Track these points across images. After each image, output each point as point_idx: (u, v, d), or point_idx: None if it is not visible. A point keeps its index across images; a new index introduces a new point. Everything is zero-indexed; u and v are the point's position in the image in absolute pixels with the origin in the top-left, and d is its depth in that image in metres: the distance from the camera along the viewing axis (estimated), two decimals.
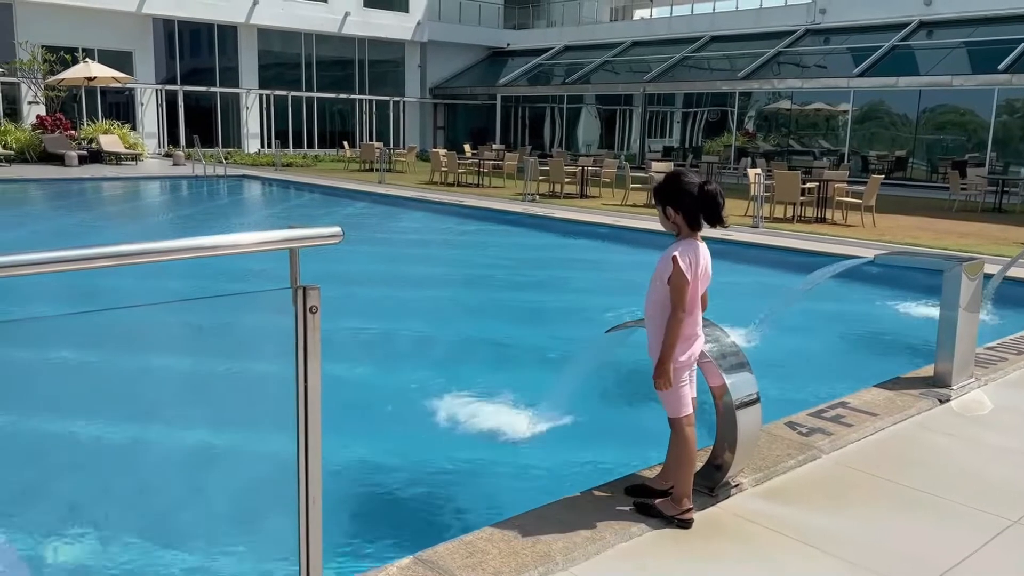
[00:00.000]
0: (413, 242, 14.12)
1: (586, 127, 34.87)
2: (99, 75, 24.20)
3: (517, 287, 10.02)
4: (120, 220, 16.28)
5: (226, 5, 30.39)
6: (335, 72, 34.95)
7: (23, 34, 26.09)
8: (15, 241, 11.85)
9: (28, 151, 23.33)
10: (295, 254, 2.46)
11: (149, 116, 30.04)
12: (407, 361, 6.60)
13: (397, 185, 20.70)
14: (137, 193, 20.42)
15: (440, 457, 4.44)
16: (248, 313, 7.53)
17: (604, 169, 20.42)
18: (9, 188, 19.42)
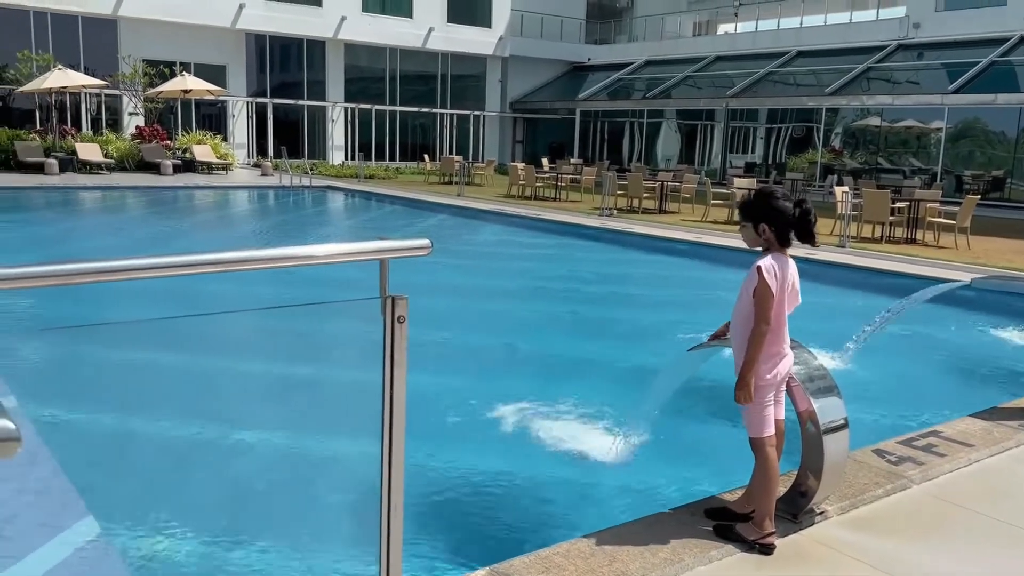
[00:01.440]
0: (490, 255, 14.22)
1: (666, 142, 34.57)
2: (194, 88, 25.22)
3: (594, 302, 9.97)
4: (212, 228, 16.90)
5: (316, 20, 31.32)
6: (418, 86, 35.59)
7: (126, 49, 27.43)
8: (117, 247, 12.43)
9: (127, 160, 24.45)
10: (385, 265, 2.51)
11: (240, 127, 31.13)
12: (486, 373, 6.64)
13: (475, 198, 20.91)
14: (227, 202, 21.17)
15: (517, 470, 4.45)
16: (330, 321, 7.70)
17: (684, 184, 20.19)
18: (110, 194, 20.40)
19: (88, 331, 6.99)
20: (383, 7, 33.26)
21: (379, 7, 33.09)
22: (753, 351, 3.10)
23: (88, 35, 27.34)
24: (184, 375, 6.18)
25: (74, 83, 23.20)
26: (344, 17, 31.82)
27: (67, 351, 6.85)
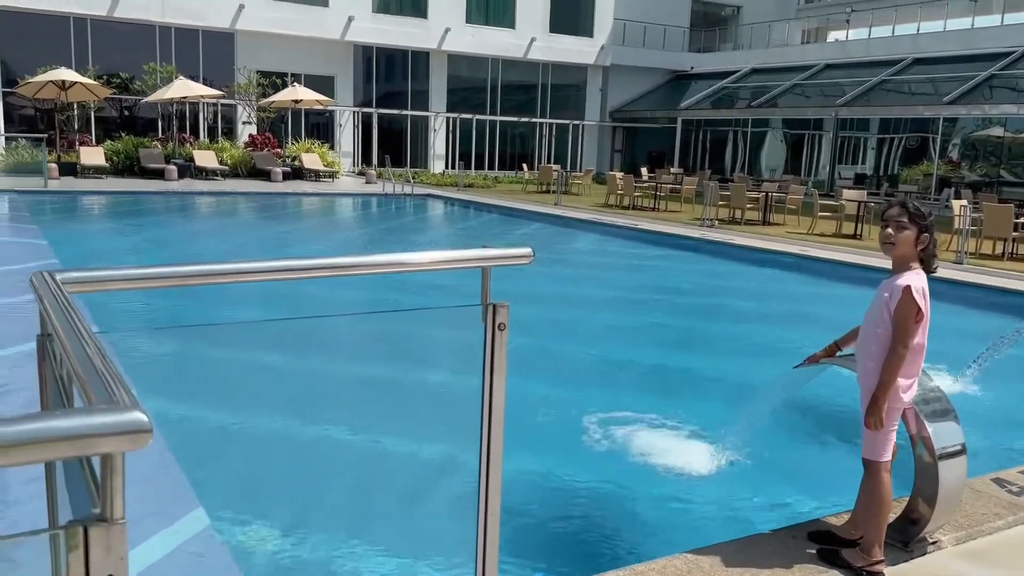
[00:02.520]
0: (587, 264, 14.17)
1: (770, 152, 33.69)
2: (304, 98, 26.16)
3: (693, 314, 9.80)
4: (320, 233, 17.47)
5: (421, 32, 32.02)
6: (518, 96, 35.87)
7: (241, 60, 28.71)
8: (231, 250, 13.00)
9: (240, 167, 25.57)
10: (487, 272, 2.53)
11: (346, 136, 32.09)
12: (582, 383, 6.62)
13: (573, 207, 20.88)
14: (333, 208, 21.85)
15: (612, 482, 4.41)
16: (430, 326, 7.82)
17: (789, 195, 19.61)
18: (224, 199, 21.38)
19: (200, 329, 7.32)
20: (486, 18, 33.70)
21: (482, 18, 33.56)
22: (889, 374, 2.95)
23: (207, 48, 28.76)
24: (289, 375, 6.39)
25: (193, 93, 24.43)
26: (448, 28, 32.41)
27: (181, 348, 7.20)
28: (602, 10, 36.14)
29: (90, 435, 0.94)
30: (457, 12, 32.68)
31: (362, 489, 4.46)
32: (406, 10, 32.15)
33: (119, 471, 1.00)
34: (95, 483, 1.09)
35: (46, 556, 2.59)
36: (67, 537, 1.01)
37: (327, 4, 29.95)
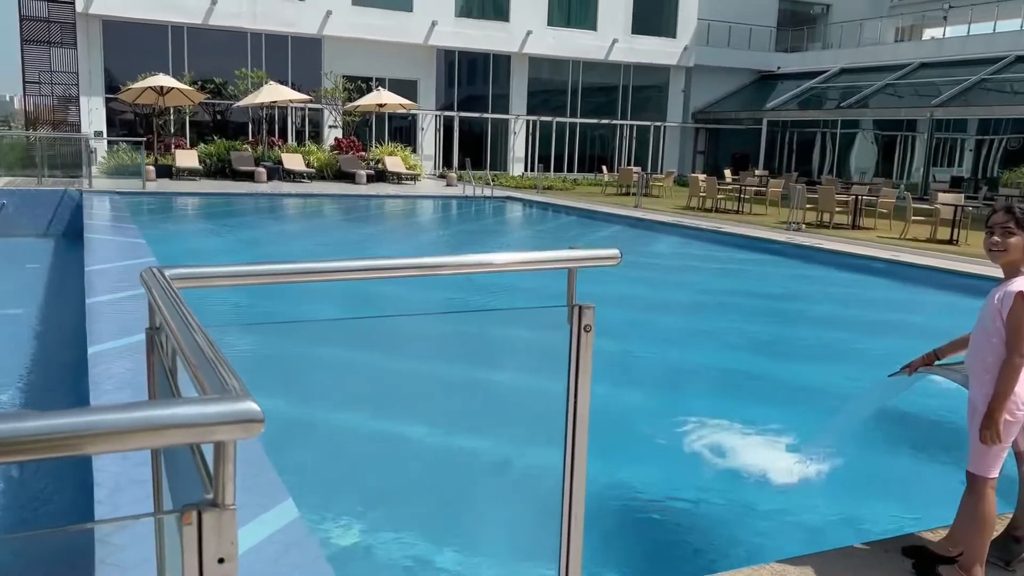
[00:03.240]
0: (667, 267, 14.00)
1: (860, 153, 32.62)
2: (388, 102, 26.66)
3: (779, 320, 9.57)
4: (403, 234, 17.78)
5: (503, 36, 32.23)
6: (598, 98, 35.72)
7: (328, 65, 29.46)
8: (317, 249, 13.35)
9: (326, 169, 26.22)
10: (573, 274, 2.53)
11: (428, 140, 32.56)
12: (666, 388, 6.55)
13: (653, 209, 20.66)
14: (414, 210, 22.20)
15: (697, 489, 4.34)
16: (512, 327, 7.87)
17: (881, 199, 18.94)
18: (310, 201, 21.96)
19: (282, 326, 7.54)
20: (568, 20, 33.69)
21: (564, 20, 33.55)
22: (1005, 385, 2.82)
23: (296, 53, 29.62)
24: (374, 373, 6.52)
25: (282, 98, 25.19)
26: (530, 31, 32.52)
27: (264, 343, 7.43)
28: (686, 11, 35.67)
29: (207, 423, 0.98)
30: (539, 15, 32.77)
31: (444, 488, 4.51)
32: (488, 14, 32.42)
33: (231, 459, 1.04)
34: (206, 470, 1.14)
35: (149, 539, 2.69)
36: (181, 521, 1.05)
37: (411, 9, 30.46)
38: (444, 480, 4.62)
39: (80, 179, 19.35)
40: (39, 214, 16.91)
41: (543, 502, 3.75)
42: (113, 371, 5.08)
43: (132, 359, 5.39)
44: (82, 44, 26.97)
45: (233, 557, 1.06)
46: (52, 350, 8.29)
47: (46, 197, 17.13)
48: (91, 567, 2.84)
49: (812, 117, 33.26)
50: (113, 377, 4.97)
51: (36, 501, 4.75)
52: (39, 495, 4.74)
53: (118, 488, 3.55)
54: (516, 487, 4.45)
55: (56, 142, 22.61)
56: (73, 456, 0.99)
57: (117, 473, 3.59)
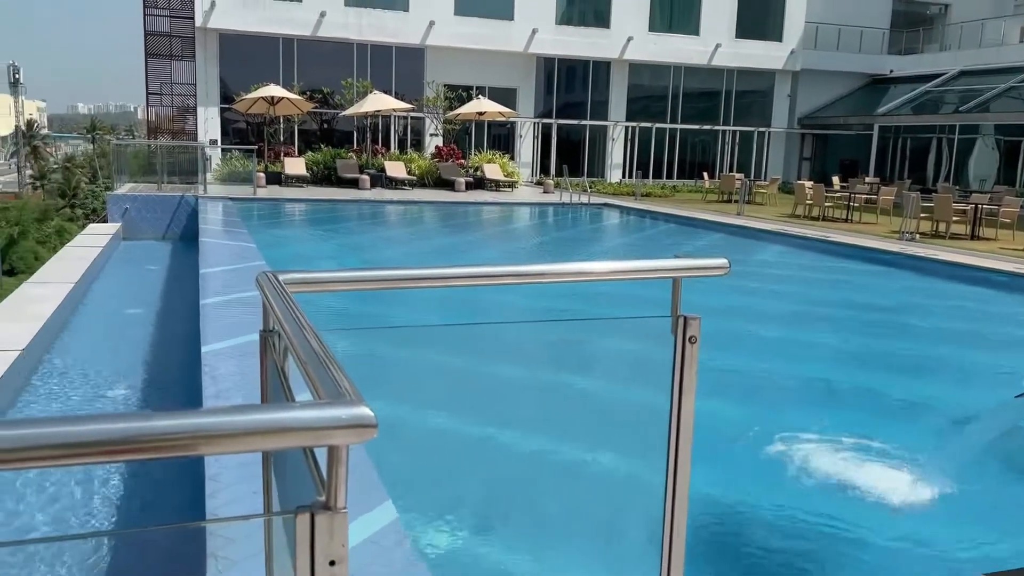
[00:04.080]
0: (771, 277, 13.59)
1: (980, 160, 30.90)
2: (488, 110, 26.95)
3: (893, 334, 9.14)
4: (501, 241, 17.93)
5: (603, 42, 32.12)
6: (700, 103, 35.11)
7: (430, 75, 30.03)
8: (418, 254, 13.61)
9: (427, 176, 26.71)
10: (678, 284, 2.47)
11: (525, 147, 32.73)
12: (771, 402, 6.35)
13: (756, 217, 20.13)
14: (512, 217, 22.35)
15: (799, 507, 4.18)
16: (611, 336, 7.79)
17: (1004, 208, 17.89)
18: (411, 208, 22.43)
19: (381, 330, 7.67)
20: (670, 25, 33.28)
21: (666, 26, 33.16)
22: None
23: (400, 63, 30.32)
24: (473, 378, 6.58)
25: (386, 107, 25.81)
26: (631, 37, 32.28)
27: (368, 347, 7.59)
28: (793, 13, 34.68)
29: (322, 427, 1.00)
30: (640, 21, 32.50)
31: (541, 495, 4.50)
32: (588, 21, 32.37)
33: (344, 462, 1.05)
34: (318, 472, 1.15)
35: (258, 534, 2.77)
36: (295, 522, 1.07)
37: (512, 18, 30.73)
38: (541, 487, 4.61)
39: (196, 185, 20.33)
40: (158, 218, 17.88)
41: (642, 514, 3.69)
42: (224, 370, 5.29)
43: (242, 359, 5.60)
44: (200, 57, 28.38)
45: (344, 560, 1.07)
46: (168, 349, 8.71)
47: (165, 202, 18.08)
48: (203, 558, 2.95)
49: (928, 122, 31.73)
50: (224, 376, 5.17)
51: (152, 493, 4.99)
52: (155, 487, 4.98)
53: (228, 484, 3.68)
54: (614, 498, 4.39)
55: (175, 150, 23.86)
56: (192, 456, 1.02)
57: (227, 468, 3.73)
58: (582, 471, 4.77)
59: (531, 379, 6.82)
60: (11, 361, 6.60)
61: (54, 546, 4.06)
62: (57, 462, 0.96)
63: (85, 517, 4.47)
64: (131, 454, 1.00)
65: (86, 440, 0.94)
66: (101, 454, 0.96)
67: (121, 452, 0.94)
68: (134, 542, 3.85)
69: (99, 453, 0.96)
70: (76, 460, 0.97)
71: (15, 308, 8.85)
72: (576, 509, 4.32)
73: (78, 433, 0.93)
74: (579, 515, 4.23)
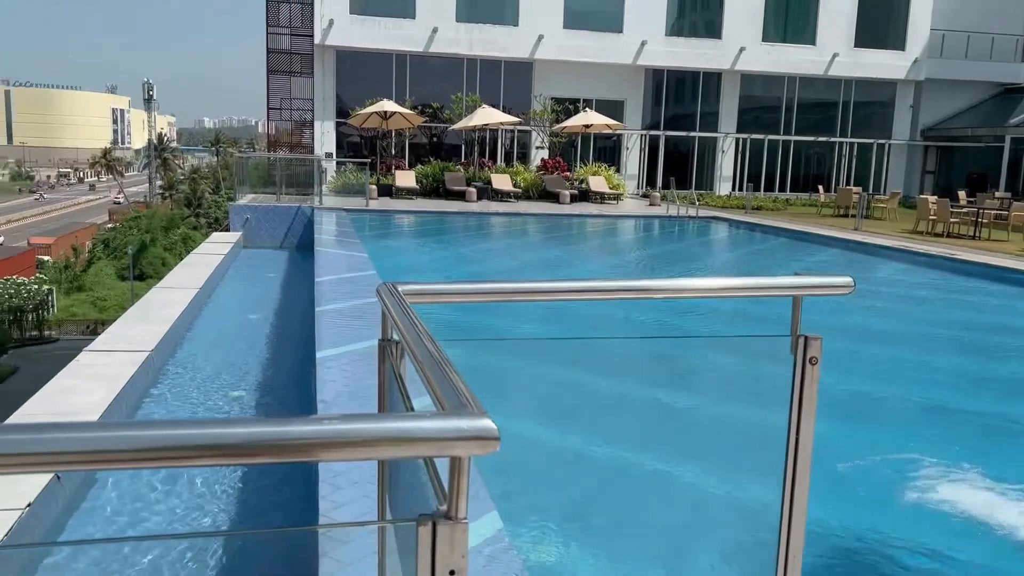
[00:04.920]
0: (893, 296, 12.98)
1: None
2: (595, 123, 26.90)
3: (1022, 358, 8.57)
4: (605, 253, 17.84)
5: (714, 53, 31.59)
6: (815, 115, 34.02)
7: (537, 88, 30.26)
8: (518, 267, 13.69)
9: (532, 189, 26.87)
10: (798, 302, 2.39)
11: (632, 159, 32.49)
12: (891, 428, 6.05)
13: (875, 233, 19.30)
14: (617, 230, 22.20)
15: (922, 541, 3.96)
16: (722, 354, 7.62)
17: None
18: (515, 220, 22.61)
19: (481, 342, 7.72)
20: (784, 35, 32.42)
21: (780, 35, 32.32)
22: None
23: (508, 77, 30.70)
24: (579, 391, 6.55)
25: (494, 120, 26.15)
26: (743, 48, 31.63)
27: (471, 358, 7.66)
28: (917, 21, 33.17)
29: (446, 438, 1.01)
30: (753, 31, 31.80)
31: (649, 513, 4.43)
32: (699, 32, 31.93)
33: (466, 473, 1.06)
34: (438, 482, 1.17)
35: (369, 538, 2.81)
36: (417, 531, 1.09)
37: (621, 30, 30.64)
38: (649, 505, 4.53)
39: (312, 197, 21.13)
40: (276, 228, 18.68)
41: (756, 538, 3.57)
42: (337, 376, 5.46)
43: (355, 365, 5.76)
44: (318, 73, 29.54)
45: (463, 570, 1.08)
46: (284, 353, 9.07)
47: (283, 213, 18.87)
48: (315, 558, 3.04)
49: None
50: (337, 382, 5.33)
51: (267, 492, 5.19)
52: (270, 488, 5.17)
53: (340, 486, 3.79)
54: (723, 520, 4.27)
55: (292, 163, 24.89)
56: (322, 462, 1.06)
57: (340, 471, 3.83)
58: (690, 491, 4.67)
59: (635, 394, 6.73)
60: (141, 361, 7.02)
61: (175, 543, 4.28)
62: (183, 463, 1.00)
63: (196, 515, 4.69)
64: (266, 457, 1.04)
65: (213, 443, 0.98)
66: (231, 456, 1.00)
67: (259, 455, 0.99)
68: (249, 540, 4.01)
69: (229, 456, 1.00)
70: (201, 462, 1.02)
71: (145, 311, 9.41)
72: (683, 530, 4.22)
73: (204, 436, 0.98)
74: (686, 537, 4.14)
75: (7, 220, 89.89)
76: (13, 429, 0.96)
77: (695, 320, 8.45)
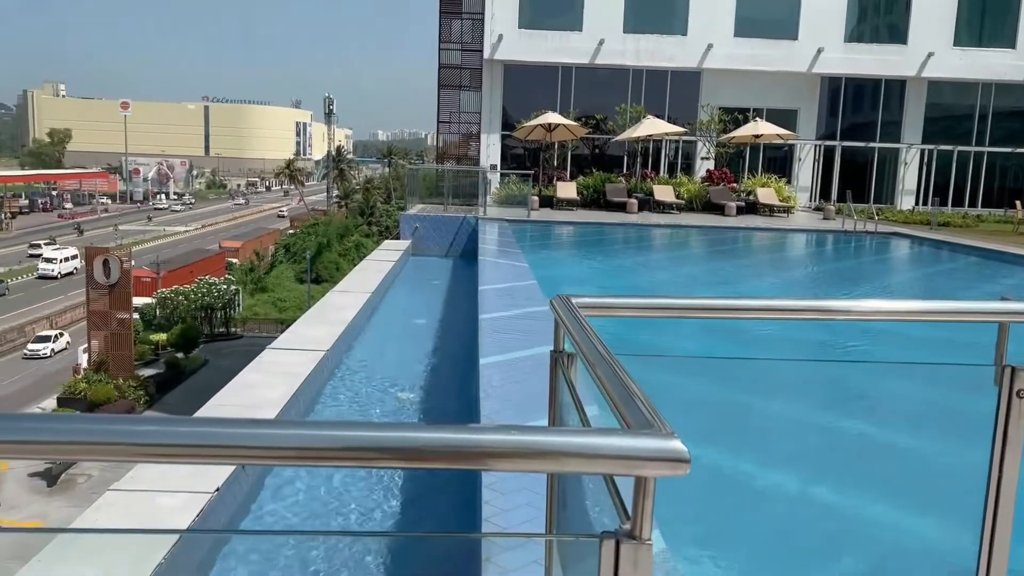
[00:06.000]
0: None
1: None
2: (765, 133, 25.99)
3: None
4: (773, 268, 17.17)
5: (897, 59, 29.72)
6: (1013, 123, 31.24)
7: (705, 98, 29.62)
8: (677, 281, 13.42)
9: (695, 200, 26.29)
10: (1004, 329, 2.20)
11: (804, 171, 31.11)
12: None
13: None
14: (786, 244, 21.31)
15: None
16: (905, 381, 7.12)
17: None
18: (677, 232, 22.19)
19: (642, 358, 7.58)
20: (979, 39, 30.00)
21: (975, 39, 29.94)
22: None
23: (674, 87, 30.26)
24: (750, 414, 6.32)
25: (659, 131, 25.83)
26: (931, 53, 29.55)
27: None
28: None
29: (634, 457, 0.99)
30: (943, 35, 29.64)
31: (818, 549, 4.19)
32: (882, 37, 30.17)
33: (651, 494, 1.04)
34: (619, 500, 1.15)
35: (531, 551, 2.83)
36: (600, 548, 1.07)
37: (796, 37, 29.46)
38: (821, 540, 4.29)
39: (476, 207, 21.68)
40: (443, 237, 19.32)
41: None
42: (500, 383, 5.55)
43: (517, 373, 5.84)
44: (486, 86, 30.34)
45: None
46: (448, 358, 9.35)
47: (449, 222, 19.50)
48: (478, 562, 3.09)
49: None
50: (500, 389, 5.42)
51: (429, 493, 5.35)
52: (433, 488, 5.33)
53: (504, 492, 3.84)
54: (909, 563, 3.97)
55: (459, 174, 25.67)
56: (503, 471, 1.06)
57: (503, 478, 3.89)
58: (866, 527, 4.38)
59: (807, 419, 6.41)
60: (318, 360, 7.45)
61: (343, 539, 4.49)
62: (359, 463, 1.04)
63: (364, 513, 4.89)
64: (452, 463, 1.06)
65: (389, 446, 1.01)
66: (411, 459, 1.03)
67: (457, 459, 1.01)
68: (416, 541, 4.14)
69: (410, 458, 1.02)
70: (376, 463, 1.05)
71: (322, 313, 9.99)
72: (858, 571, 3.97)
73: (382, 439, 1.01)
74: (861, 571, 3.89)
75: (201, 224, 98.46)
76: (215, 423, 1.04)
77: (870, 343, 7.94)
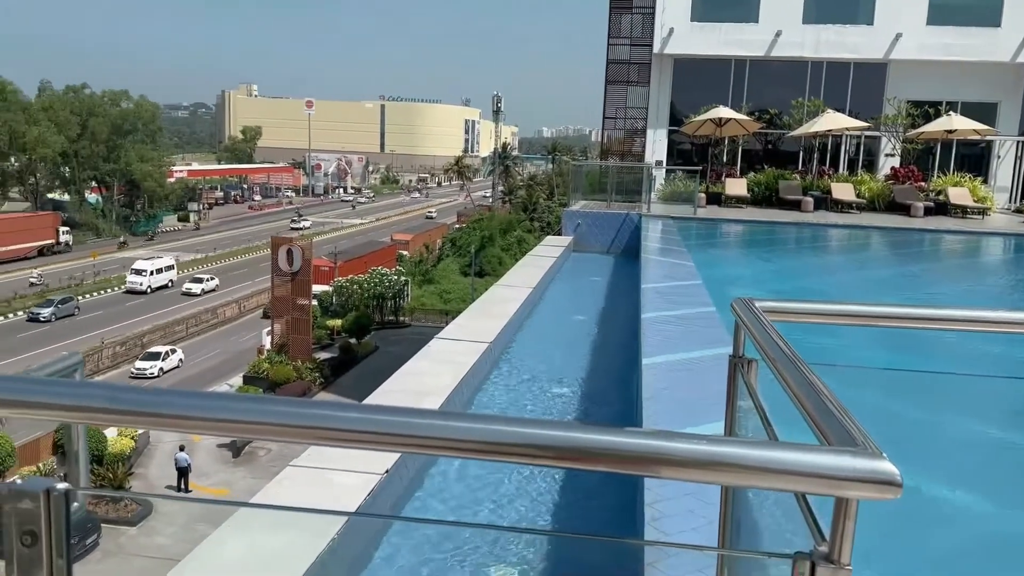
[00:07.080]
0: None
1: None
2: (959, 128, 24.01)
3: None
4: (967, 274, 15.87)
5: None
6: None
7: (891, 91, 27.71)
8: (856, 285, 12.65)
9: (877, 200, 24.67)
10: None
11: (1004, 169, 28.49)
12: None
13: None
14: (981, 248, 19.63)
15: None
16: None
17: None
18: (856, 233, 20.93)
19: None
20: None
21: None
22: None
23: (857, 80, 28.55)
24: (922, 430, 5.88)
25: (838, 126, 24.45)
26: None
27: None
28: None
29: (838, 477, 0.92)
30: None
31: None
32: None
33: (853, 517, 0.96)
34: (813, 519, 1.08)
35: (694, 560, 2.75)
36: (793, 568, 1.01)
37: (999, 24, 27.01)
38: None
39: (640, 204, 21.42)
40: (605, 233, 19.23)
41: None
42: (665, 385, 5.44)
43: (680, 375, 5.72)
44: (654, 81, 29.89)
45: None
46: (607, 356, 9.29)
47: (611, 219, 19.38)
48: (641, 565, 3.05)
49: None
50: (663, 391, 5.32)
51: (589, 490, 5.34)
52: (594, 486, 5.31)
53: (664, 497, 3.76)
54: None
55: (623, 170, 25.46)
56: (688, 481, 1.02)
57: (666, 482, 3.81)
58: None
59: (998, 441, 5.87)
60: (482, 351, 7.63)
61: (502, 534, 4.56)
62: (526, 461, 1.02)
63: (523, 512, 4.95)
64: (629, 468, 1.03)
65: (568, 445, 0.99)
66: (587, 461, 1.00)
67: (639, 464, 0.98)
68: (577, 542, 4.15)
69: (586, 460, 1.00)
70: (547, 462, 1.03)
71: (487, 306, 10.21)
72: None
73: (556, 438, 0.99)
74: None
75: (375, 218, 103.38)
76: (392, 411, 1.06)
77: None
